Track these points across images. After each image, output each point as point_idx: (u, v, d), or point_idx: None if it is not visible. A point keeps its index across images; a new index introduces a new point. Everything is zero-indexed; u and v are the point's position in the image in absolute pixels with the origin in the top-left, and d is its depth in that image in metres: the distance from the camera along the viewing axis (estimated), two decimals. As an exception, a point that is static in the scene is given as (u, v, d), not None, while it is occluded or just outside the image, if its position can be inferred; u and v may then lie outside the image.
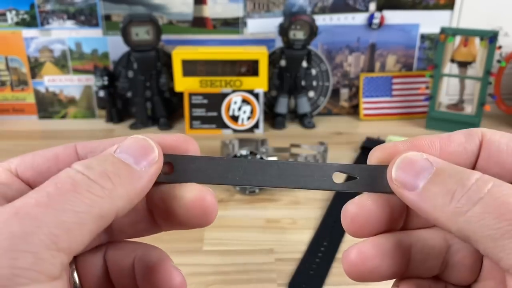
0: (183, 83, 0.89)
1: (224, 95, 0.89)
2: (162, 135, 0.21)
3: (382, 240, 0.20)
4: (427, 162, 0.19)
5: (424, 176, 0.18)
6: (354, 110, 1.01)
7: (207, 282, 0.50)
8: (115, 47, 0.93)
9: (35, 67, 0.95)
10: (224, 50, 0.90)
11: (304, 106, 0.94)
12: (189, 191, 0.20)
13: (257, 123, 0.90)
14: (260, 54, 0.88)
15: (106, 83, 0.91)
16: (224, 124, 0.90)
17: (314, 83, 0.97)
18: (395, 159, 0.20)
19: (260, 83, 0.89)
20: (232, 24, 0.94)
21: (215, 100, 0.89)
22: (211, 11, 0.93)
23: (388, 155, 0.20)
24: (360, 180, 0.21)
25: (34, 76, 0.95)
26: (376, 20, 0.94)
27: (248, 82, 0.90)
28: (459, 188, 0.17)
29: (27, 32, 0.92)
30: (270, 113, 0.96)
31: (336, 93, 1.00)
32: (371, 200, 0.20)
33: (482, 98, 0.88)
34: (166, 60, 0.92)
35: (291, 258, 0.54)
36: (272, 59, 0.94)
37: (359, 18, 0.94)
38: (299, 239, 0.57)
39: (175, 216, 0.21)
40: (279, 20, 0.92)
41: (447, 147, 0.20)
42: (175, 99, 0.96)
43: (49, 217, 0.16)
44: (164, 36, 0.91)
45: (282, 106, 0.94)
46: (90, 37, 0.93)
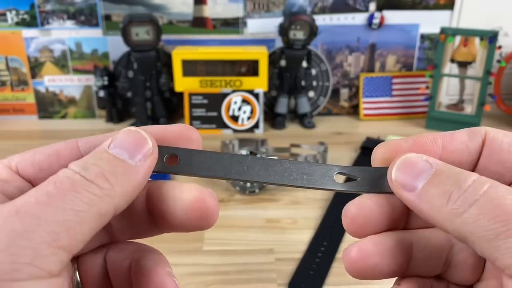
0: (183, 83, 0.89)
1: (224, 95, 0.89)
2: (164, 126, 0.21)
3: (383, 238, 0.20)
4: (426, 164, 0.19)
5: (423, 177, 0.19)
6: (354, 110, 1.01)
7: (207, 282, 0.50)
8: (115, 47, 0.93)
9: (35, 67, 0.95)
10: (224, 50, 0.90)
11: (304, 106, 0.94)
12: (188, 192, 0.20)
13: (257, 123, 0.90)
14: (260, 54, 0.88)
15: (106, 83, 0.91)
16: (224, 124, 0.90)
17: (314, 83, 0.97)
18: (395, 160, 0.20)
19: (260, 83, 0.89)
20: (232, 24, 0.94)
21: (215, 100, 0.89)
22: (211, 11, 0.93)
23: (392, 152, 0.20)
24: (361, 181, 0.21)
25: (34, 76, 0.95)
26: (376, 20, 0.94)
27: (248, 82, 0.90)
28: (455, 190, 0.17)
29: (27, 32, 0.92)
30: (270, 113, 0.96)
31: (336, 93, 1.00)
32: (371, 201, 0.20)
33: (482, 98, 0.88)
34: (166, 60, 0.92)
35: (291, 258, 0.54)
36: (272, 59, 0.94)
37: (359, 18, 0.94)
38: (299, 239, 0.57)
39: (174, 219, 0.20)
40: (279, 20, 0.92)
41: (450, 145, 0.20)
42: (175, 99, 0.96)
43: (49, 215, 0.16)
44: (164, 36, 0.91)
45: (282, 106, 0.94)
46: (90, 37, 0.93)
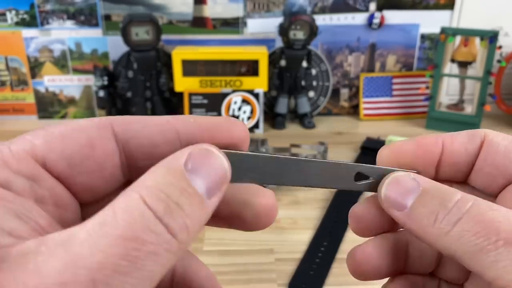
0: (183, 83, 0.89)
1: (224, 95, 0.89)
2: (214, 120, 0.19)
3: (383, 240, 0.21)
4: (414, 182, 0.19)
5: (411, 196, 0.19)
6: (354, 110, 1.01)
7: (207, 282, 0.50)
8: (115, 47, 0.93)
9: (35, 67, 0.95)
10: (224, 50, 0.90)
11: (304, 106, 0.94)
12: (263, 199, 0.20)
13: (257, 123, 0.90)
14: (260, 54, 0.88)
15: (106, 83, 0.91)
16: (224, 124, 0.90)
17: (314, 83, 0.97)
18: (384, 179, 0.20)
19: (260, 83, 0.89)
20: (232, 24, 0.94)
21: (215, 100, 0.89)
22: (211, 11, 0.93)
23: (396, 154, 0.21)
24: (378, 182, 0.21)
25: (34, 76, 0.95)
26: (376, 20, 0.94)
27: (248, 82, 0.89)
28: (441, 210, 0.18)
29: (27, 32, 0.92)
30: (270, 113, 0.96)
31: (336, 93, 1.00)
32: (375, 205, 0.21)
33: (482, 98, 0.88)
34: (166, 60, 0.92)
35: (291, 258, 0.54)
36: (272, 59, 0.94)
37: (359, 18, 0.94)
38: (299, 239, 0.57)
39: (240, 220, 0.20)
40: (279, 20, 0.92)
41: (450, 146, 0.21)
42: (175, 99, 0.96)
43: (127, 287, 0.14)
44: (164, 36, 0.91)
45: (282, 106, 0.94)
46: (90, 37, 0.93)
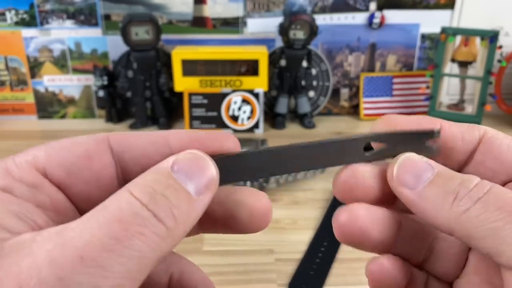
0: (183, 83, 0.89)
1: (224, 95, 0.89)
2: (206, 134, 0.19)
3: (374, 207, 0.20)
4: (428, 165, 0.19)
5: (426, 176, 0.19)
6: (354, 110, 1.01)
7: (206, 283, 0.50)
8: (115, 46, 0.93)
9: (35, 67, 0.95)
10: (224, 50, 0.90)
11: (304, 106, 0.94)
12: (256, 199, 0.20)
13: (257, 123, 0.90)
14: (260, 54, 0.87)
15: (105, 83, 0.91)
16: (224, 124, 0.90)
17: (314, 83, 0.97)
18: (396, 157, 0.20)
19: (260, 83, 0.89)
20: (232, 23, 0.94)
21: (215, 100, 0.89)
22: (211, 10, 0.93)
23: (392, 127, 0.21)
24: (390, 146, 0.20)
25: (33, 76, 0.95)
26: (376, 20, 0.94)
27: (248, 82, 0.89)
28: (462, 189, 0.18)
29: (27, 32, 0.92)
30: (270, 113, 0.96)
31: (336, 93, 1.00)
32: (365, 168, 0.20)
33: (482, 98, 0.87)
34: (166, 60, 0.92)
35: (291, 258, 0.54)
36: (272, 59, 0.94)
37: (360, 18, 0.94)
38: (299, 239, 0.57)
39: (235, 223, 0.20)
40: (279, 19, 0.92)
41: (448, 129, 0.20)
42: (174, 99, 0.95)
43: (116, 266, 0.14)
44: (164, 36, 0.91)
45: (282, 106, 0.94)
46: (90, 36, 0.93)
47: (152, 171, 0.17)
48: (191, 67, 0.88)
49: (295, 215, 0.62)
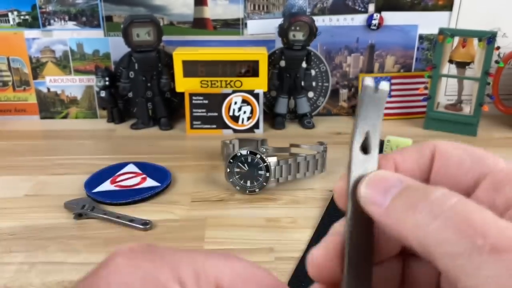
0: (184, 84, 0.90)
1: (225, 96, 0.89)
2: None
3: (331, 241, 0.21)
4: (397, 180, 0.19)
5: (392, 192, 0.18)
6: (353, 110, 1.01)
7: (208, 280, 0.51)
8: (116, 47, 0.93)
9: (37, 67, 0.95)
10: (225, 51, 0.90)
11: (303, 107, 0.95)
12: None
13: (257, 123, 0.91)
14: (260, 55, 0.88)
15: (107, 83, 0.92)
16: (225, 124, 0.91)
17: (314, 83, 0.98)
18: (366, 175, 0.20)
19: (260, 84, 0.90)
20: (232, 25, 0.95)
21: (216, 101, 0.90)
22: (211, 12, 0.94)
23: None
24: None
25: (36, 76, 0.96)
26: (375, 21, 0.94)
27: (248, 82, 0.90)
28: (421, 202, 0.17)
29: (29, 33, 0.93)
30: (270, 113, 0.97)
31: (335, 93, 1.01)
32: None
33: (480, 98, 0.88)
34: (167, 61, 0.93)
35: (291, 257, 0.54)
36: (272, 60, 0.95)
37: (358, 19, 0.95)
38: (299, 238, 0.58)
39: None
40: (279, 21, 0.92)
41: (402, 164, 0.20)
42: (176, 100, 0.96)
43: None
44: (165, 37, 0.92)
45: (282, 106, 0.94)
46: (92, 38, 0.94)
47: None
48: (192, 68, 0.89)
49: (295, 214, 0.63)
